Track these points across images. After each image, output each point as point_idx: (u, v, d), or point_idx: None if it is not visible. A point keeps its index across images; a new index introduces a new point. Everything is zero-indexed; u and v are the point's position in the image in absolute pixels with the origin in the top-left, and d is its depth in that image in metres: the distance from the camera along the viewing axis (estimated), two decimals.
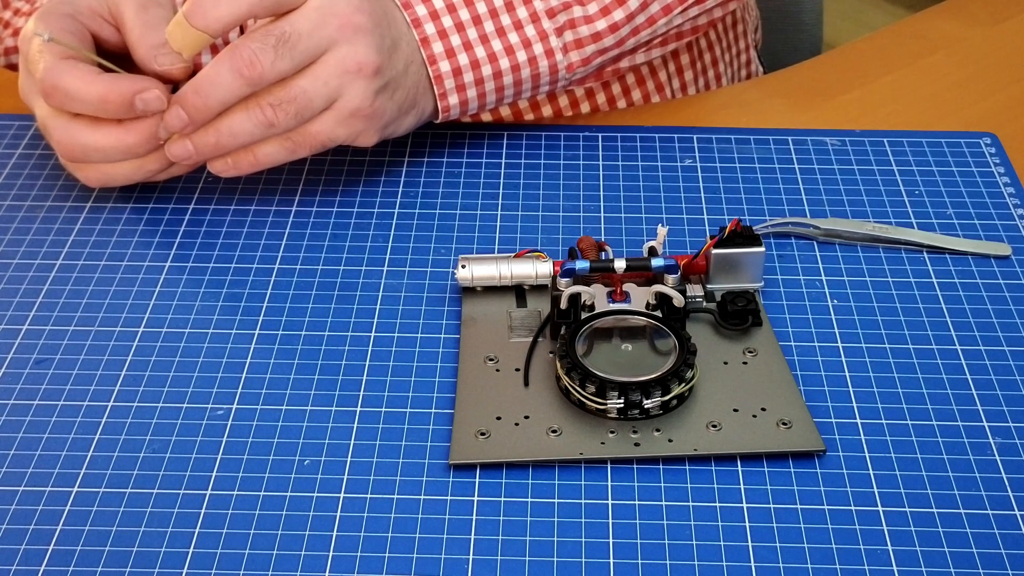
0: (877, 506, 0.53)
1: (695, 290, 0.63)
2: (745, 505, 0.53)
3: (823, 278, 0.66)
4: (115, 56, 0.69)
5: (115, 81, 0.66)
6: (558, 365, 0.58)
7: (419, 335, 0.63)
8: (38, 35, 0.66)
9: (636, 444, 0.55)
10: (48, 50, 0.67)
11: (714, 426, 0.56)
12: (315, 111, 0.66)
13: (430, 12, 0.70)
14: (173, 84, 0.68)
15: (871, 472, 0.55)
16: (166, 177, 0.71)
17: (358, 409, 0.58)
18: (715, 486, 0.54)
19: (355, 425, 0.57)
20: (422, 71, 0.70)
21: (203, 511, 0.53)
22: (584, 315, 0.60)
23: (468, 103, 0.71)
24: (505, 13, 0.71)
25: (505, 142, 0.77)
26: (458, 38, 0.70)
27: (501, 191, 0.73)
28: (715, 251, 0.63)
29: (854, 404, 0.58)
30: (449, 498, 0.54)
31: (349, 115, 0.67)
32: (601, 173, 0.75)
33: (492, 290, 0.65)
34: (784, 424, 0.56)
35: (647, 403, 0.56)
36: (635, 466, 0.55)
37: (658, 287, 0.61)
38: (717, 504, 0.53)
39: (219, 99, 0.64)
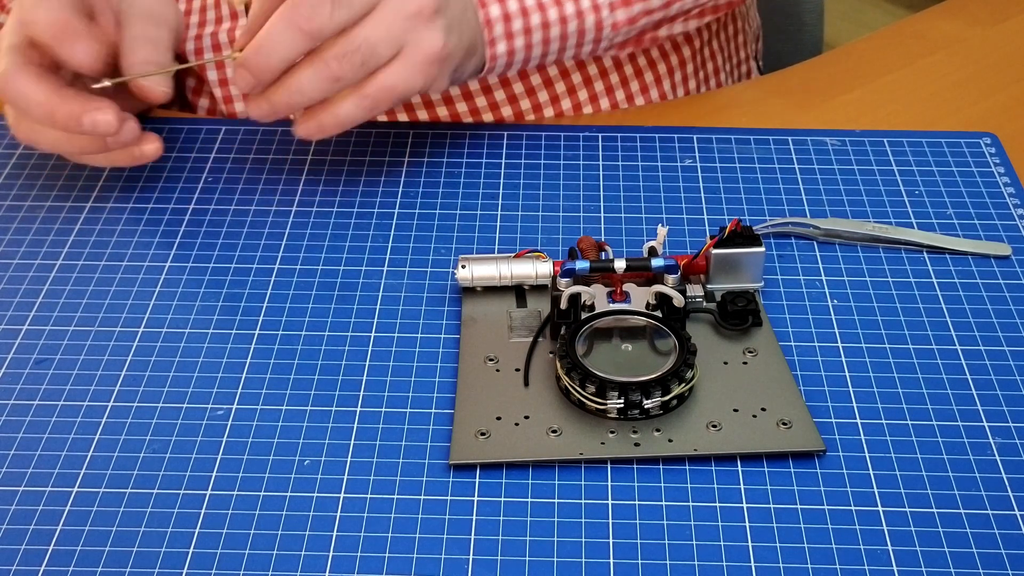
0: (877, 506, 0.53)
1: (695, 290, 0.63)
2: (745, 505, 0.53)
3: (823, 278, 0.66)
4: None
5: (67, 95, 0.66)
6: (558, 365, 0.58)
7: (419, 335, 0.63)
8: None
9: (636, 444, 0.55)
10: (15, 52, 0.67)
11: (714, 426, 0.56)
12: (381, 59, 0.65)
13: None
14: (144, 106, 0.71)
15: (871, 472, 0.55)
16: (91, 163, 0.72)
17: (358, 409, 0.58)
18: (715, 486, 0.54)
19: (355, 425, 0.57)
20: (477, 15, 0.70)
21: (203, 511, 0.53)
22: (584, 315, 0.60)
23: (515, 53, 0.71)
24: None
25: (505, 142, 0.77)
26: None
27: (501, 191, 0.73)
28: (715, 251, 0.63)
29: (854, 404, 0.58)
30: (449, 498, 0.54)
31: (423, 61, 0.66)
32: (601, 173, 0.75)
33: (492, 290, 0.65)
34: (784, 424, 0.56)
35: (647, 403, 0.56)
36: (635, 466, 0.55)
37: (658, 287, 0.61)
38: (717, 504, 0.53)
39: (281, 56, 0.64)
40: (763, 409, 0.57)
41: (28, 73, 0.66)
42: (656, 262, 0.61)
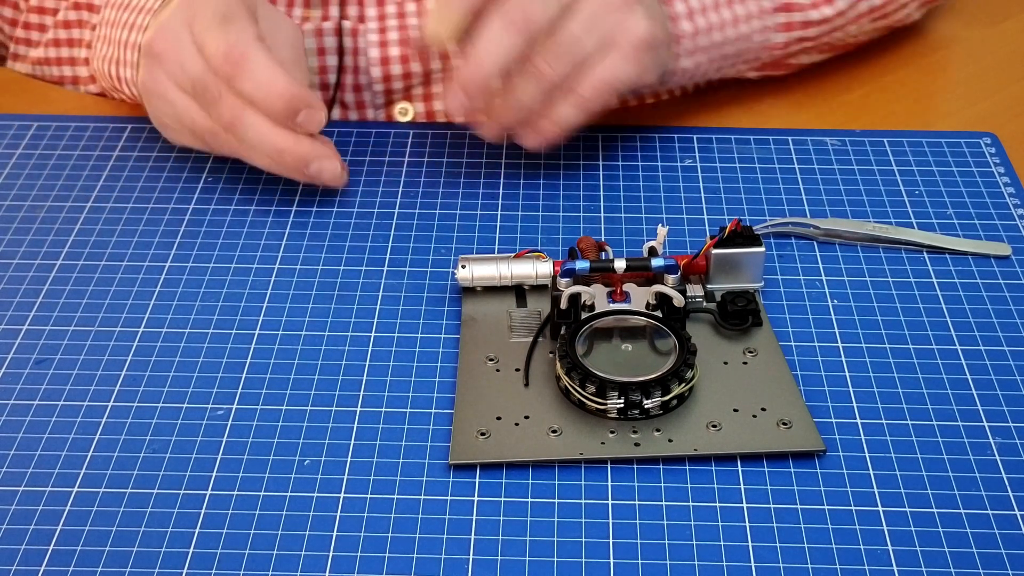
0: (877, 506, 0.53)
1: (695, 290, 0.63)
2: (745, 505, 0.53)
3: (823, 278, 0.66)
4: None
5: (295, 85, 0.65)
6: (558, 365, 0.58)
7: (419, 335, 0.63)
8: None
9: (636, 444, 0.55)
10: (251, 27, 0.66)
11: (714, 426, 0.56)
12: (589, 54, 0.65)
13: None
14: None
15: (871, 472, 0.55)
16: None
17: (358, 409, 0.58)
18: (715, 486, 0.54)
19: (355, 425, 0.57)
20: (664, 12, 0.70)
21: (203, 511, 0.53)
22: (584, 315, 0.60)
23: (693, 69, 0.72)
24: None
25: (505, 142, 0.77)
26: (690, 3, 0.71)
27: (501, 191, 0.73)
28: (715, 251, 0.63)
29: (854, 404, 0.58)
30: (449, 498, 0.54)
31: (632, 49, 0.65)
32: (601, 173, 0.75)
33: (492, 290, 0.65)
34: (784, 424, 0.56)
35: (647, 403, 0.56)
36: (635, 466, 0.55)
37: (658, 287, 0.61)
38: (717, 504, 0.53)
39: (496, 61, 0.63)
40: (763, 409, 0.57)
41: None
42: (656, 262, 0.61)
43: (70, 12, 0.82)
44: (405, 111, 0.81)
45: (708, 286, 0.64)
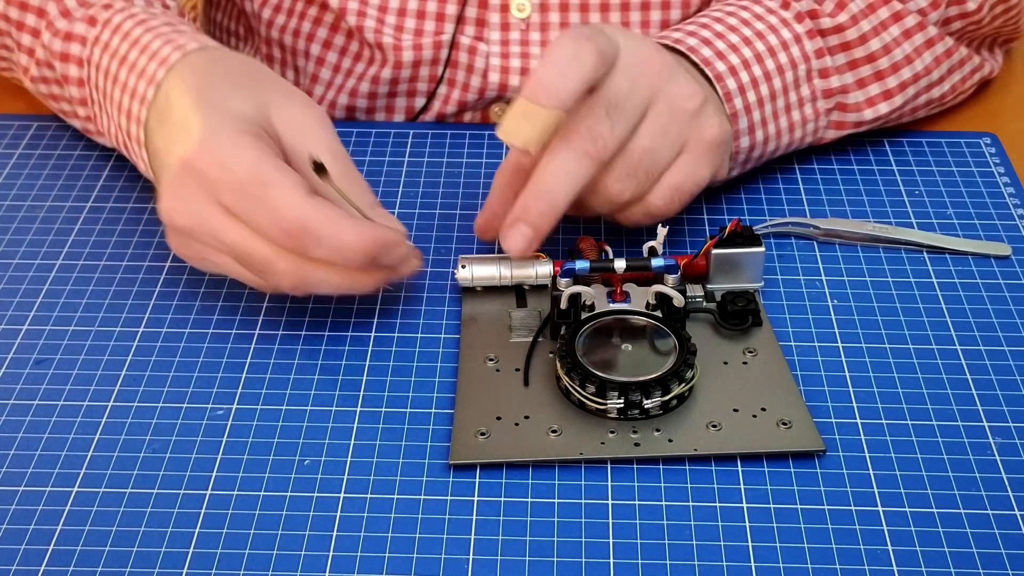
0: (877, 506, 0.53)
1: (695, 290, 0.63)
2: (745, 505, 0.53)
3: (823, 278, 0.66)
4: None
5: (369, 231, 0.57)
6: (558, 365, 0.58)
7: (419, 335, 0.63)
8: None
9: (636, 444, 0.55)
10: (291, 183, 0.57)
11: (714, 426, 0.56)
12: (665, 164, 0.62)
13: (738, 86, 0.67)
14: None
15: (871, 472, 0.55)
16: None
17: (358, 409, 0.58)
18: (715, 486, 0.54)
19: (355, 425, 0.57)
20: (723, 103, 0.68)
21: (203, 511, 0.53)
22: (584, 315, 0.60)
23: (745, 151, 0.70)
24: (793, 91, 0.70)
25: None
26: (751, 118, 0.68)
27: None
28: (715, 251, 0.63)
29: (854, 404, 0.58)
30: (449, 498, 0.54)
31: (706, 151, 0.63)
32: None
33: (492, 290, 0.65)
34: (784, 424, 0.56)
35: (647, 403, 0.56)
36: (635, 466, 0.55)
37: (658, 287, 0.60)
38: (717, 504, 0.53)
39: (568, 190, 0.59)
40: (763, 409, 0.57)
41: (319, 205, 0.57)
42: (656, 262, 0.61)
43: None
44: (502, 111, 0.80)
45: (708, 286, 0.64)
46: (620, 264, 0.62)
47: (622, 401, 0.56)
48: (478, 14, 0.77)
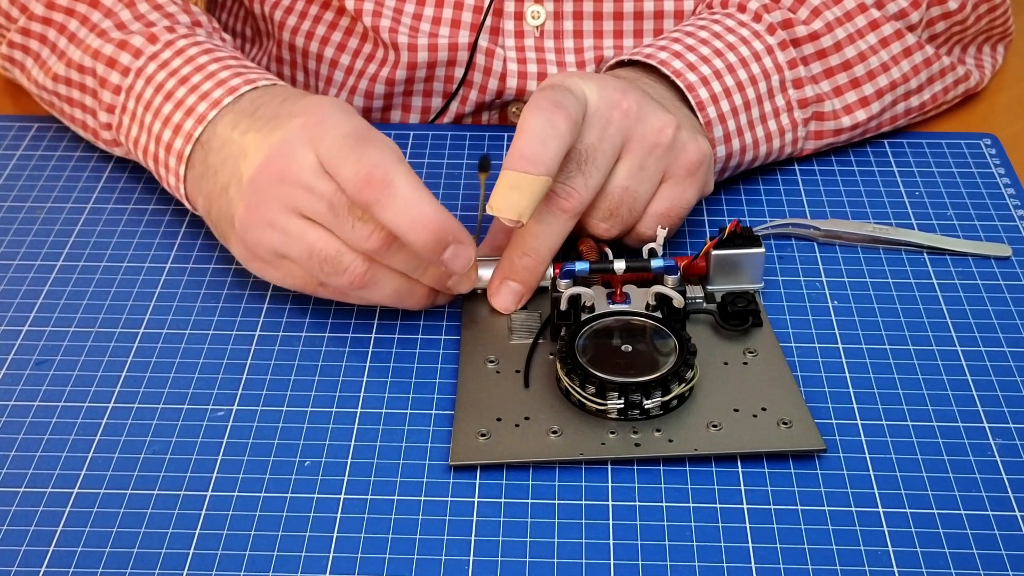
0: (877, 506, 0.53)
1: (695, 291, 0.63)
2: (745, 505, 0.53)
3: (823, 279, 0.66)
4: None
5: (446, 214, 0.57)
6: (558, 366, 0.58)
7: (419, 336, 0.63)
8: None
9: (636, 444, 0.56)
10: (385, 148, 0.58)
11: (714, 426, 0.56)
12: (647, 198, 0.64)
13: (710, 96, 0.68)
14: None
15: (871, 472, 0.55)
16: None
17: (358, 410, 0.58)
18: (715, 486, 0.54)
19: (355, 426, 0.57)
20: (698, 117, 0.68)
21: (203, 512, 0.53)
22: (584, 316, 0.60)
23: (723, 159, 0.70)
24: (768, 100, 0.70)
25: (505, 143, 0.77)
26: (727, 127, 0.69)
27: None
28: (715, 252, 0.63)
29: (854, 404, 0.58)
30: (449, 499, 0.54)
31: (687, 175, 0.64)
32: None
33: None
34: (784, 424, 0.56)
35: (647, 403, 0.56)
36: (635, 467, 0.55)
37: (658, 288, 0.61)
38: (717, 504, 0.53)
39: (550, 245, 0.62)
40: (763, 409, 0.57)
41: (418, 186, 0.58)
42: (656, 263, 0.61)
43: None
44: (518, 111, 0.81)
45: (708, 287, 0.64)
46: (620, 265, 0.62)
47: (622, 402, 0.56)
48: (492, 22, 0.78)
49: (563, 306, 0.60)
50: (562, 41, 0.78)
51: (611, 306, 0.61)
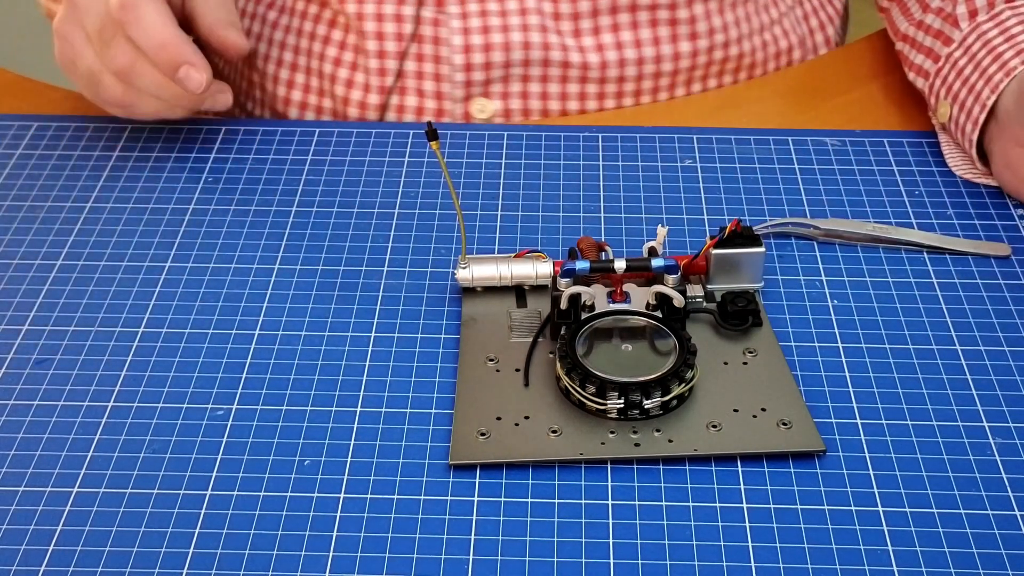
0: (877, 506, 0.53)
1: (695, 290, 0.63)
2: (745, 505, 0.53)
3: (823, 278, 0.66)
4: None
5: (182, 39, 0.69)
6: (558, 365, 0.58)
7: (419, 335, 0.63)
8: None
9: (636, 444, 0.56)
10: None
11: (714, 426, 0.56)
12: None
13: None
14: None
15: (871, 472, 0.55)
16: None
17: (358, 409, 0.58)
18: (715, 486, 0.54)
19: (355, 425, 0.57)
20: None
21: (203, 511, 0.53)
22: (584, 315, 0.60)
23: None
24: None
25: (505, 142, 0.77)
26: None
27: (501, 191, 0.73)
28: (715, 251, 0.63)
29: (854, 404, 0.58)
30: (449, 498, 0.54)
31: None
32: (601, 173, 0.75)
33: (492, 290, 0.65)
34: (784, 424, 0.56)
35: (647, 403, 0.56)
36: (635, 466, 0.55)
37: (658, 287, 0.61)
38: (717, 504, 0.53)
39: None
40: (763, 409, 0.57)
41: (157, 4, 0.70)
42: (656, 262, 0.61)
43: None
44: (483, 108, 0.81)
45: (708, 286, 0.64)
46: (620, 264, 0.62)
47: (622, 401, 0.56)
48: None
49: (563, 305, 0.60)
50: (506, 4, 0.80)
51: (611, 305, 0.61)
